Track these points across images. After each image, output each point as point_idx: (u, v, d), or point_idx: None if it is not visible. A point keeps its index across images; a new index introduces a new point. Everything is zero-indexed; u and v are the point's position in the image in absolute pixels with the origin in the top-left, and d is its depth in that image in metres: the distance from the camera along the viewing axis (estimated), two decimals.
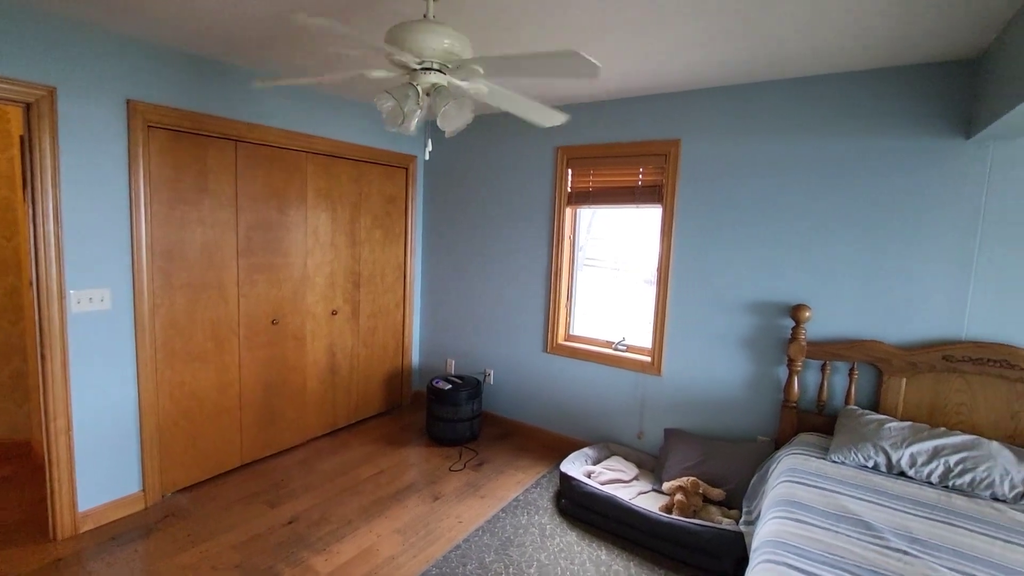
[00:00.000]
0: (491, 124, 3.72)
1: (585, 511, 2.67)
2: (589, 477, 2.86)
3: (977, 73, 2.23)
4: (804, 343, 2.58)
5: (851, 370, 2.51)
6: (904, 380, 2.38)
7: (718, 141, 2.87)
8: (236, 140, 2.88)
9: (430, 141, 2.20)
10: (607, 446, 3.26)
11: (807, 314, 2.56)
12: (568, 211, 3.49)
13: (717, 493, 2.62)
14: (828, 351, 2.54)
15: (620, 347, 3.35)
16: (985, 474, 1.97)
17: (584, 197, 3.41)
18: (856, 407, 2.45)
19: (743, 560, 2.11)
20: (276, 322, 3.20)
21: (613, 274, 3.61)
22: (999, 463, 1.98)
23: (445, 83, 1.97)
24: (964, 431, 2.19)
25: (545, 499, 2.91)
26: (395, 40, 1.78)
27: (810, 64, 2.44)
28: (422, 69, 1.88)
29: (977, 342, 2.26)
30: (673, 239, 3.04)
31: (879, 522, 1.78)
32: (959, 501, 1.93)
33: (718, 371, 2.95)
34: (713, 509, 2.58)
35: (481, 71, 1.86)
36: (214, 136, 2.78)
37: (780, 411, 2.67)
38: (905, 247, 2.42)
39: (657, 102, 3.05)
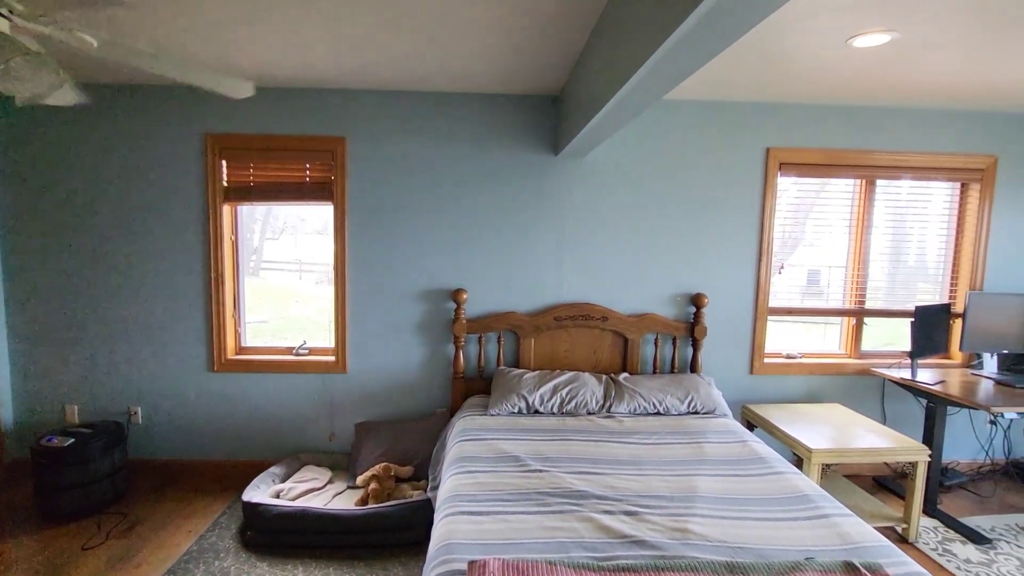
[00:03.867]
0: (110, 95, 2.95)
1: (277, 535, 2.46)
2: (279, 496, 2.65)
3: (558, 106, 3.02)
4: (465, 321, 3.01)
5: (499, 338, 3.07)
6: (533, 339, 3.07)
7: (383, 142, 3.03)
8: None
9: None
10: (297, 458, 3.07)
11: (465, 296, 2.99)
12: (227, 208, 3.09)
13: (406, 471, 2.81)
14: (482, 325, 3.04)
15: (302, 351, 3.20)
16: (582, 397, 2.73)
17: (245, 193, 3.08)
18: (505, 367, 3.03)
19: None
20: None
21: (295, 276, 3.41)
22: (589, 387, 2.78)
23: (6, 30, 1.46)
24: (570, 370, 2.99)
25: (227, 539, 2.54)
26: None
27: (449, 83, 2.84)
28: None
29: (571, 304, 3.10)
30: (347, 236, 3.07)
31: (524, 453, 2.25)
32: (570, 421, 2.62)
33: (398, 358, 3.15)
34: (406, 487, 2.76)
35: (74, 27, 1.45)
36: None
37: (452, 383, 3.05)
38: (526, 238, 3.10)
39: (320, 96, 3.00)
